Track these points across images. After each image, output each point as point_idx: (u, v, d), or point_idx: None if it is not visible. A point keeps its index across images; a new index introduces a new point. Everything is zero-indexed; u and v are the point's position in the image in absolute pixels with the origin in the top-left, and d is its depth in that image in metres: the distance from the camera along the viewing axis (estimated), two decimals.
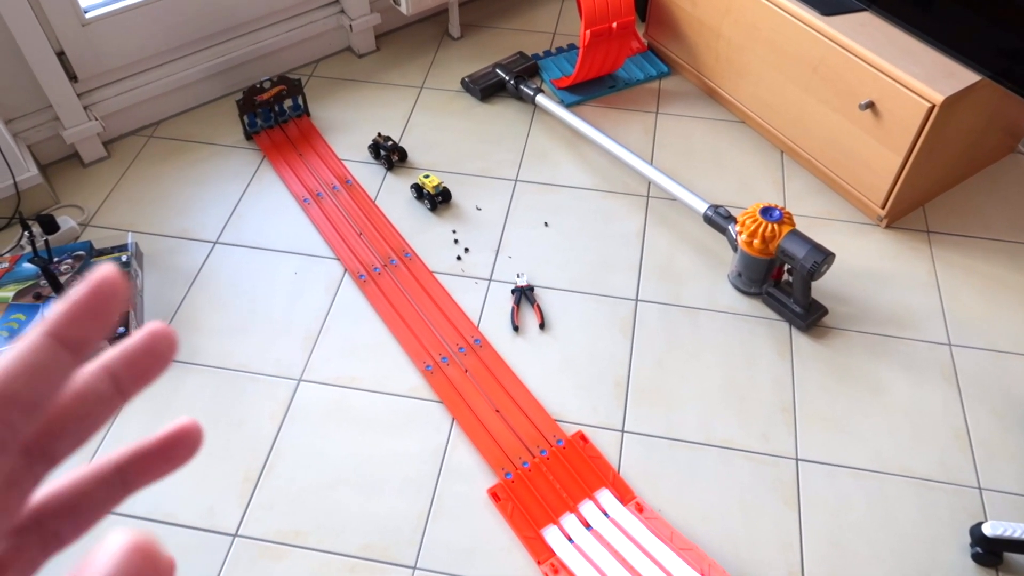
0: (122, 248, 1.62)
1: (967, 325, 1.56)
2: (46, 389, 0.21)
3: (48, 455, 0.22)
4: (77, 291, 0.21)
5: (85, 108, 1.80)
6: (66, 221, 1.70)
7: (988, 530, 1.21)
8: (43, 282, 1.54)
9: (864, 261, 1.67)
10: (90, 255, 1.60)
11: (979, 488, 1.34)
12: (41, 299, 1.52)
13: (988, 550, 1.23)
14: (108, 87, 1.85)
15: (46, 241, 1.55)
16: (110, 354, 0.23)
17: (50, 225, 1.66)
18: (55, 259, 1.59)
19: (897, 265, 1.66)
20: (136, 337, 0.23)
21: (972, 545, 1.25)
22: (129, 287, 0.20)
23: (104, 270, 0.22)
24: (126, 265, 1.58)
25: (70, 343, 0.21)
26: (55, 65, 1.70)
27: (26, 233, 1.56)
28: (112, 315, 0.22)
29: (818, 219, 1.75)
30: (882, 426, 1.41)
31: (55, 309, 0.21)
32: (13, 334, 1.46)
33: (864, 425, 1.41)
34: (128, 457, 0.24)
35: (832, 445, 1.39)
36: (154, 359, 0.23)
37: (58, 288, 1.50)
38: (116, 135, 1.93)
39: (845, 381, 1.47)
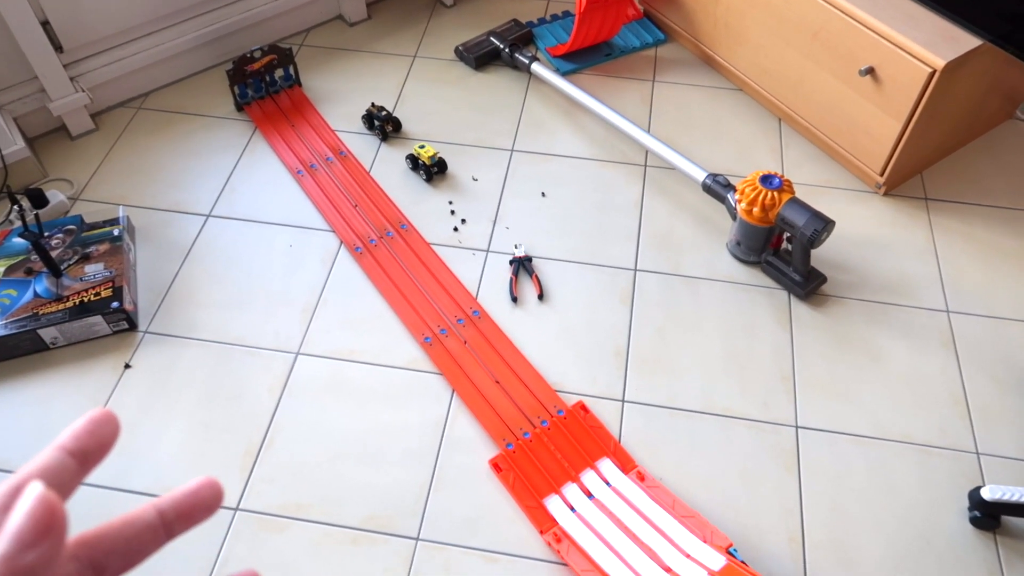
0: (114, 222, 1.59)
1: (965, 292, 1.56)
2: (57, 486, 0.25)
3: (104, 571, 0.26)
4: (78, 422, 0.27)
5: (71, 79, 1.77)
6: (55, 195, 1.67)
7: (987, 494, 1.22)
8: (34, 257, 1.52)
9: (862, 228, 1.66)
10: (81, 229, 1.58)
11: (977, 453, 1.34)
12: (32, 274, 1.50)
13: (986, 514, 1.24)
14: (95, 57, 1.81)
15: (36, 215, 1.52)
16: (163, 497, 0.28)
17: (39, 199, 1.63)
18: (46, 233, 1.56)
19: (895, 232, 1.66)
20: (186, 486, 0.28)
21: (971, 509, 1.26)
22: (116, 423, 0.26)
23: (98, 412, 0.27)
24: (118, 239, 1.56)
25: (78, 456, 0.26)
26: (40, 35, 1.66)
27: (15, 207, 1.53)
28: (109, 445, 0.27)
29: (816, 187, 1.74)
30: (881, 393, 1.42)
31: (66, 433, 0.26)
32: (5, 310, 1.44)
33: (863, 392, 1.42)
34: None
35: (832, 412, 1.39)
36: (200, 505, 0.28)
37: (49, 263, 1.48)
38: (104, 107, 1.90)
39: (844, 349, 1.47)
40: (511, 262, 1.59)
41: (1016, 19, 1.43)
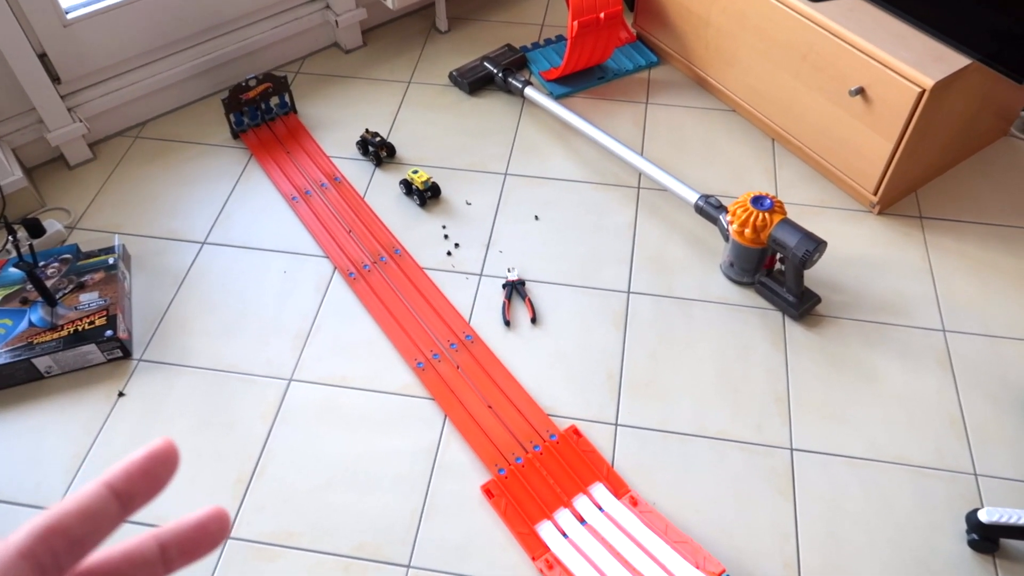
0: (109, 251, 1.60)
1: (961, 311, 1.55)
2: (93, 530, 0.24)
3: None
4: (136, 453, 0.25)
5: (69, 110, 1.79)
6: (52, 224, 1.68)
7: (984, 516, 1.21)
8: (29, 287, 1.53)
9: (857, 248, 1.66)
10: (77, 258, 1.59)
11: (975, 474, 1.33)
12: (28, 304, 1.50)
13: (984, 536, 1.22)
14: (92, 88, 1.83)
15: (31, 245, 1.53)
16: (165, 528, 0.26)
17: (36, 229, 1.64)
18: (41, 263, 1.57)
19: (890, 252, 1.65)
20: (193, 516, 0.26)
21: (968, 532, 1.25)
22: (177, 452, 0.23)
23: (162, 441, 0.25)
24: (113, 268, 1.56)
25: (122, 496, 0.25)
26: (37, 67, 1.68)
27: (11, 237, 1.54)
28: (164, 480, 0.26)
29: (810, 207, 1.74)
30: (877, 414, 1.40)
31: (116, 465, 0.25)
32: (0, 340, 1.44)
33: (859, 413, 1.40)
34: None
35: (827, 434, 1.38)
36: (204, 539, 0.26)
37: (44, 292, 1.49)
38: (101, 136, 1.92)
39: (839, 369, 1.46)
40: (504, 286, 1.59)
41: (1003, 37, 1.43)
